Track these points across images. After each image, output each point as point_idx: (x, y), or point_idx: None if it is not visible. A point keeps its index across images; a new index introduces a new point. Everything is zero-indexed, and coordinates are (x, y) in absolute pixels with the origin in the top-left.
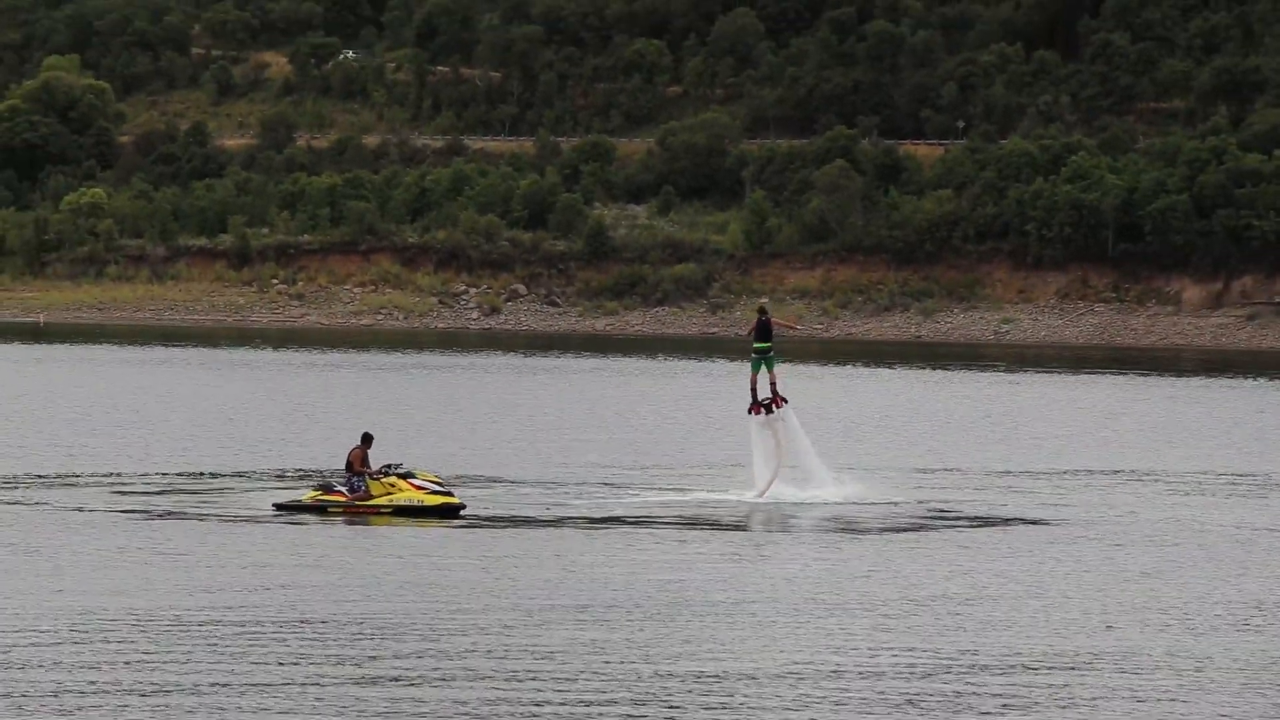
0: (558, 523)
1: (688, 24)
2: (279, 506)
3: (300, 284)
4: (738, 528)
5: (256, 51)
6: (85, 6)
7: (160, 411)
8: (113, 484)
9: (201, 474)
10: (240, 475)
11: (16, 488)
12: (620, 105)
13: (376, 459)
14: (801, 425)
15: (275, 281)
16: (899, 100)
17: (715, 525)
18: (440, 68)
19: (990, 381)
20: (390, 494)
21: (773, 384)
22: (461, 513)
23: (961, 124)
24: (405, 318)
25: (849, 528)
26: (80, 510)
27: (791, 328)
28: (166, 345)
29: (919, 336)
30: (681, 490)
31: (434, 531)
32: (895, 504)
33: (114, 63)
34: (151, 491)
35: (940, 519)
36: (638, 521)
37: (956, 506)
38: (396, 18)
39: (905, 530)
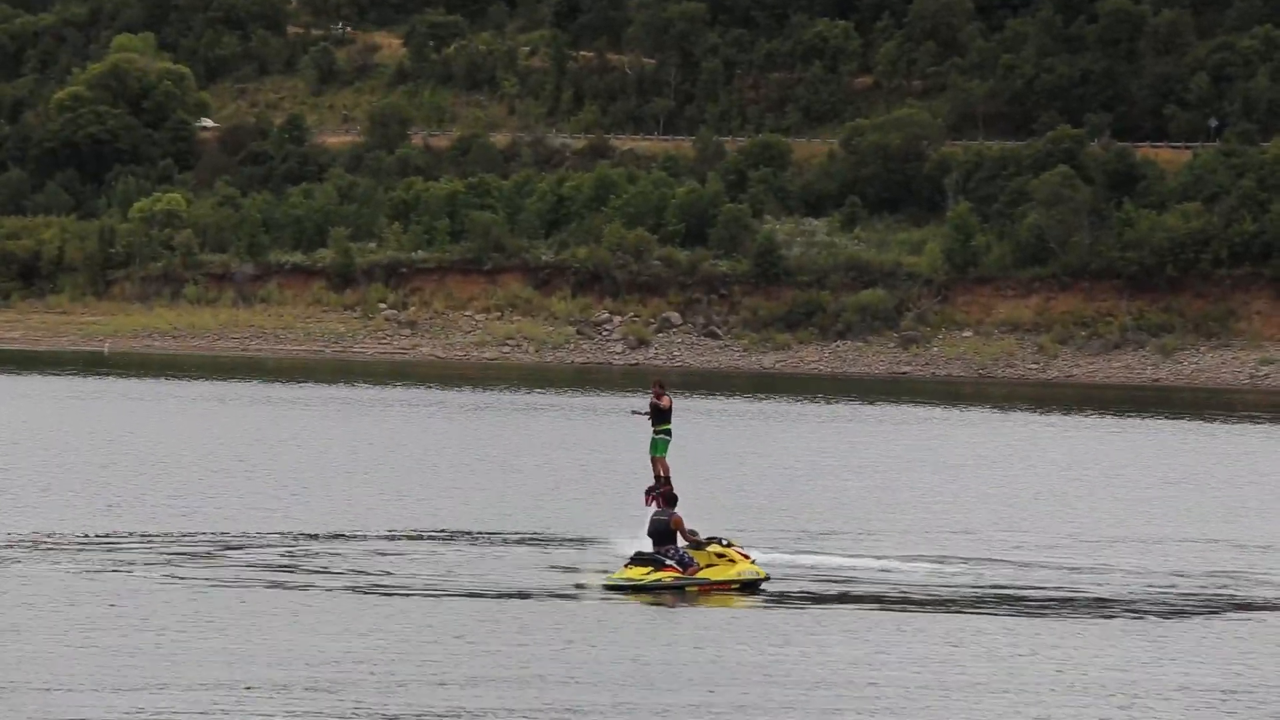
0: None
1: (880, 1)
2: (610, 588)
3: (412, 309)
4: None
5: (365, 31)
6: None
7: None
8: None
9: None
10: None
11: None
12: (798, 99)
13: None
14: None
15: (383, 306)
16: (1137, 94)
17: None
18: (583, 53)
19: (1250, 435)
20: (717, 564)
21: (667, 475)
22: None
23: (1214, 123)
24: (537, 350)
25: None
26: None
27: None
28: (257, 380)
29: (1156, 379)
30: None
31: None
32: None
33: (195, 44)
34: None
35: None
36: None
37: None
38: None
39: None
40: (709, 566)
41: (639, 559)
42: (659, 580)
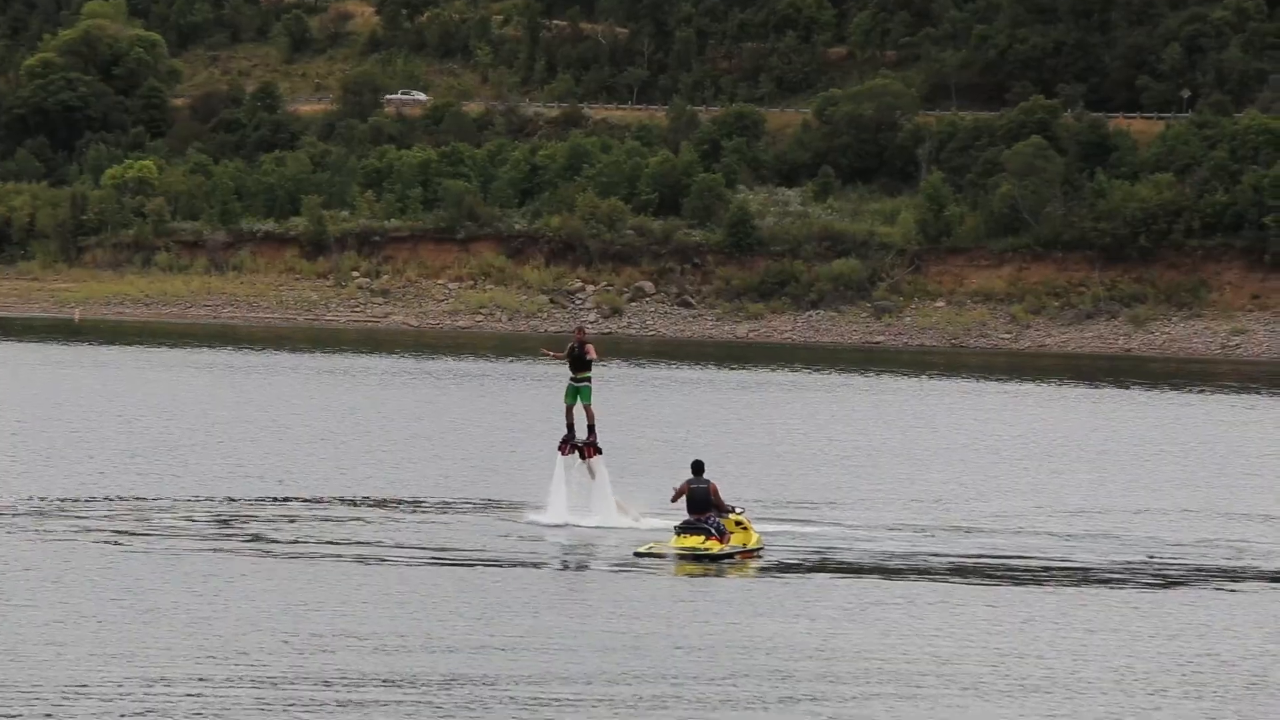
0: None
1: None
2: (685, 557)
3: (385, 278)
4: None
5: None
6: None
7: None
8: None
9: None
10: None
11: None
12: (771, 69)
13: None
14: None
15: (355, 274)
16: (1110, 65)
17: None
18: (556, 22)
19: (1223, 405)
20: (736, 533)
21: (591, 425)
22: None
23: (1187, 94)
24: (510, 319)
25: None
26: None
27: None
28: (235, 348)
29: (1128, 349)
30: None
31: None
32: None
33: (167, 10)
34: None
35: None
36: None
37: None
38: None
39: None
40: (733, 535)
41: (689, 527)
42: (723, 550)
